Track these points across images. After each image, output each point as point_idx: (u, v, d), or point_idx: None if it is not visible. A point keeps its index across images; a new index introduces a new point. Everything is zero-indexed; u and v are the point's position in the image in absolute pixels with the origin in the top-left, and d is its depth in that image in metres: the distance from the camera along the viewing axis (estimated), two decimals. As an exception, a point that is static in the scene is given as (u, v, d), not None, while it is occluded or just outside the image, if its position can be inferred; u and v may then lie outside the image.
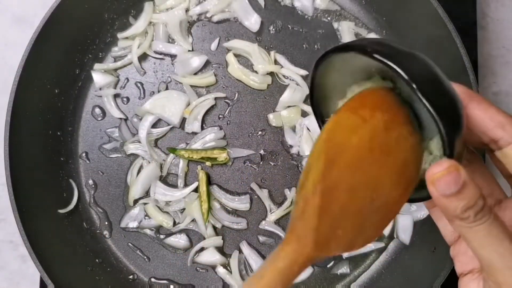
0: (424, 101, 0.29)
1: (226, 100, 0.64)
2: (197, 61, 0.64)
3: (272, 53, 0.64)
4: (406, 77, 0.30)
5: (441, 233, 0.40)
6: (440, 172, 0.30)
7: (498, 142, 0.33)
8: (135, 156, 0.64)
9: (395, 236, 0.62)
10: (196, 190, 0.62)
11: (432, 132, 0.33)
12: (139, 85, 0.65)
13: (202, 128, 0.64)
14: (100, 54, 0.66)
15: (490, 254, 0.31)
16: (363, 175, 0.30)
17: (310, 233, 0.29)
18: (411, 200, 0.35)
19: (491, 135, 0.33)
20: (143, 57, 0.65)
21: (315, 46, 0.65)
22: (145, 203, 0.63)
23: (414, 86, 0.29)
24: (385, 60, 0.31)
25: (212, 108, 0.64)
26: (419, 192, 0.34)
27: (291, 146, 0.63)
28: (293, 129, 0.64)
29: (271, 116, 0.63)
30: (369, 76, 0.36)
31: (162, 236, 0.63)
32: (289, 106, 0.64)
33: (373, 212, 0.31)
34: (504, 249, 0.30)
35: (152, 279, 0.63)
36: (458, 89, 0.33)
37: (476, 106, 0.33)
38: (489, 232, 0.31)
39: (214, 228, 0.62)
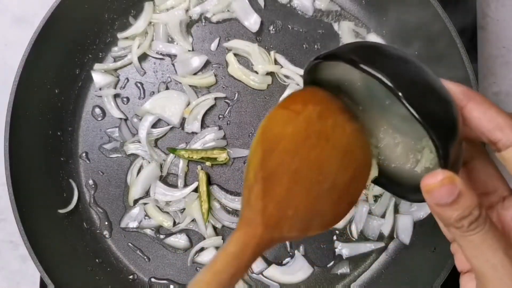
0: (413, 112, 0.28)
1: (226, 100, 0.64)
2: (197, 61, 0.64)
3: (272, 53, 0.64)
4: (391, 85, 0.29)
5: (442, 230, 0.40)
6: (434, 184, 0.30)
7: (496, 144, 0.32)
8: (135, 156, 0.64)
9: (395, 236, 0.62)
10: (196, 190, 0.62)
11: (416, 131, 0.32)
12: (139, 85, 0.65)
13: (202, 128, 0.64)
14: (100, 54, 0.66)
15: (482, 264, 0.31)
16: (303, 160, 0.32)
17: (257, 215, 0.30)
18: (413, 200, 0.36)
19: (490, 137, 0.32)
20: (143, 57, 0.65)
21: (315, 46, 0.65)
22: (145, 203, 0.63)
23: (400, 94, 0.28)
24: (368, 69, 0.30)
25: (212, 108, 0.64)
26: (419, 193, 0.34)
27: (291, 146, 0.63)
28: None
29: (271, 116, 0.63)
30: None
31: (162, 236, 0.63)
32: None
33: (324, 194, 0.32)
34: (496, 260, 0.30)
35: (152, 279, 0.63)
36: (456, 89, 0.32)
37: (474, 107, 0.32)
38: (482, 242, 0.30)
39: (214, 228, 0.62)
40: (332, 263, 0.62)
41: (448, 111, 0.30)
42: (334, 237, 0.62)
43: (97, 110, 0.65)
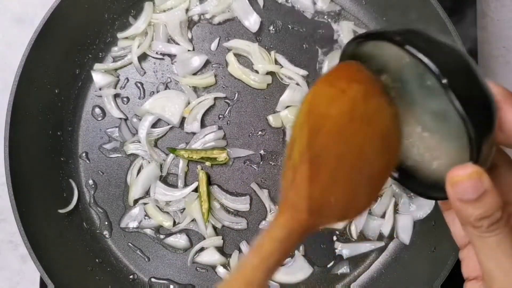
0: (455, 101, 0.28)
1: (226, 100, 0.64)
2: (197, 60, 0.64)
3: (272, 53, 0.64)
4: (436, 71, 0.28)
5: (452, 235, 0.39)
6: (461, 176, 0.29)
7: None
8: (135, 156, 0.64)
9: (395, 236, 0.62)
10: (196, 190, 0.62)
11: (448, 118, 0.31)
12: (139, 85, 0.65)
13: (202, 128, 0.64)
14: (100, 54, 0.66)
15: (494, 267, 0.30)
16: (346, 144, 0.30)
17: (303, 200, 0.29)
18: (429, 197, 0.35)
19: None
20: (143, 57, 0.65)
21: (315, 46, 0.65)
22: (145, 203, 0.63)
23: (445, 82, 0.28)
24: (417, 53, 0.29)
25: (212, 108, 0.64)
26: (437, 191, 0.33)
27: (291, 146, 0.63)
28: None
29: (270, 118, 0.63)
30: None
31: (162, 236, 0.63)
32: (288, 106, 0.64)
33: (363, 180, 0.31)
34: (509, 266, 0.30)
35: (152, 279, 0.63)
36: (494, 88, 0.31)
37: (511, 109, 0.31)
38: (498, 246, 0.30)
39: (214, 228, 0.62)
40: (332, 263, 0.62)
41: (488, 106, 0.29)
42: (334, 237, 0.62)
43: (97, 110, 0.65)
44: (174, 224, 0.63)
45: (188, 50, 0.65)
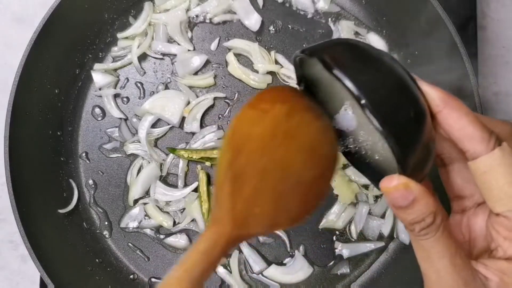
0: (374, 122, 0.29)
1: (226, 100, 0.64)
2: (197, 60, 0.64)
3: (272, 53, 0.64)
4: (355, 92, 0.29)
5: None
6: (388, 188, 0.30)
7: (465, 154, 0.32)
8: (135, 156, 0.64)
9: (395, 236, 0.62)
10: (196, 190, 0.62)
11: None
12: (139, 85, 0.65)
13: (202, 128, 0.64)
14: (100, 54, 0.66)
15: (427, 267, 0.32)
16: (269, 158, 0.32)
17: (226, 214, 0.31)
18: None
19: (460, 145, 0.32)
20: (143, 57, 0.65)
21: (315, 46, 0.65)
22: (145, 203, 0.63)
23: (362, 102, 0.29)
24: (335, 72, 0.30)
25: (212, 108, 0.64)
26: None
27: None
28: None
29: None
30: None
31: (162, 236, 0.63)
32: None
33: (291, 190, 0.33)
34: (441, 266, 0.31)
35: (152, 279, 0.63)
36: (434, 93, 0.32)
37: (449, 113, 0.32)
38: (431, 248, 0.31)
39: (214, 228, 0.62)
40: (332, 263, 0.62)
41: (411, 118, 0.30)
42: (334, 237, 0.62)
43: (97, 110, 0.65)
44: (174, 224, 0.63)
45: (188, 50, 0.65)
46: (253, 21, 0.65)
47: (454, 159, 0.37)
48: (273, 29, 0.65)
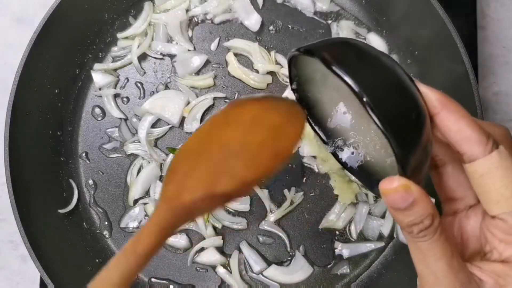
0: (375, 119, 0.29)
1: (226, 100, 0.64)
2: (197, 60, 0.64)
3: (272, 52, 0.64)
4: (357, 89, 0.29)
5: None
6: (388, 189, 0.30)
7: (462, 156, 0.32)
8: (135, 156, 0.64)
9: (395, 236, 0.62)
10: (196, 190, 0.62)
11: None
12: (139, 85, 0.65)
13: (202, 128, 0.64)
14: (100, 54, 0.66)
15: (424, 269, 0.32)
16: (205, 143, 0.35)
17: (160, 197, 0.34)
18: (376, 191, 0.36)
19: (457, 148, 0.32)
20: (143, 57, 0.65)
21: (315, 46, 0.65)
22: (145, 203, 0.63)
23: (365, 100, 0.29)
24: (334, 68, 0.30)
25: (212, 107, 0.64)
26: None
27: (291, 146, 0.63)
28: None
29: (271, 116, 0.63)
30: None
31: (162, 236, 0.63)
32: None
33: (230, 157, 0.34)
34: (437, 268, 0.31)
35: (152, 279, 0.63)
36: (432, 95, 0.32)
37: (446, 116, 0.32)
38: (428, 250, 0.31)
39: (214, 228, 0.62)
40: (332, 263, 0.62)
41: (412, 119, 0.30)
42: (334, 237, 0.62)
43: (97, 110, 0.65)
44: (174, 224, 0.63)
45: (188, 50, 0.65)
46: (253, 21, 0.65)
47: (446, 161, 0.37)
48: (273, 29, 0.65)
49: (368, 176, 0.38)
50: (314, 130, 0.39)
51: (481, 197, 0.32)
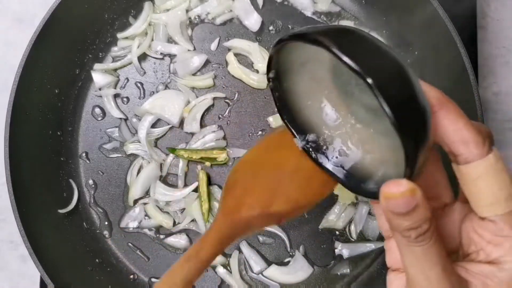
0: (389, 113, 0.26)
1: (226, 100, 0.64)
2: (197, 60, 0.64)
3: (272, 53, 0.64)
4: (369, 81, 0.26)
5: (379, 226, 0.39)
6: (394, 194, 0.29)
7: (457, 157, 0.31)
8: (135, 156, 0.64)
9: (395, 236, 0.62)
10: (196, 190, 0.62)
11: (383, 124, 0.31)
12: (139, 85, 0.65)
13: (202, 128, 0.64)
14: (100, 54, 0.66)
15: (417, 275, 0.31)
16: (263, 163, 0.39)
17: (219, 211, 0.37)
18: (359, 193, 0.36)
19: (453, 148, 0.31)
20: (143, 57, 0.65)
21: (315, 46, 0.65)
22: (145, 203, 0.63)
23: (370, 81, 0.26)
24: (341, 56, 0.26)
25: (212, 108, 0.64)
26: (365, 187, 0.34)
27: (291, 146, 0.63)
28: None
29: (271, 118, 0.63)
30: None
31: (162, 236, 0.63)
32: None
33: (285, 180, 0.37)
34: (432, 274, 0.30)
35: (152, 279, 0.63)
36: (430, 93, 0.31)
37: (445, 115, 0.31)
38: (424, 255, 0.30)
39: (214, 228, 0.62)
40: (332, 263, 0.62)
41: (420, 111, 0.28)
42: (334, 238, 0.62)
43: (97, 110, 0.65)
44: (174, 224, 0.63)
45: (188, 50, 0.65)
46: (253, 21, 0.65)
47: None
48: (273, 29, 0.65)
49: (348, 175, 0.36)
50: (285, 123, 0.38)
51: (473, 199, 0.32)
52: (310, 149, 0.38)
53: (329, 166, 0.37)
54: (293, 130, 0.38)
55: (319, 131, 0.38)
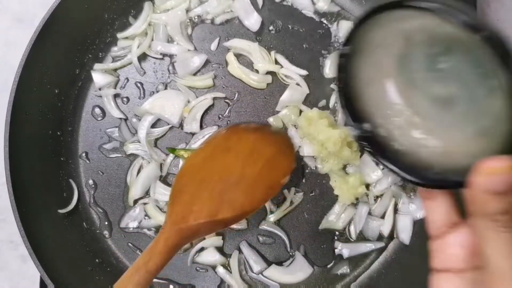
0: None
1: (226, 100, 0.64)
2: (197, 60, 0.64)
3: (272, 53, 0.64)
4: (475, 23, 0.26)
5: (428, 224, 0.38)
6: (496, 169, 0.27)
7: None
8: (135, 156, 0.64)
9: (395, 236, 0.62)
10: (196, 190, 0.62)
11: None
12: (139, 85, 0.65)
13: (202, 128, 0.64)
14: (100, 54, 0.66)
15: (503, 261, 0.29)
16: (207, 170, 0.41)
17: (167, 219, 0.39)
18: (414, 183, 0.34)
19: None
20: (143, 57, 0.65)
21: (315, 46, 0.65)
22: (145, 203, 0.63)
23: (486, 33, 0.26)
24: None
25: (212, 108, 0.64)
26: (420, 175, 0.33)
27: (291, 146, 0.63)
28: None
29: (271, 119, 0.63)
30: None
31: (162, 236, 0.63)
32: (287, 106, 0.64)
33: (230, 187, 0.39)
34: None
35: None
36: None
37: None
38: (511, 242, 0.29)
39: (214, 228, 0.62)
40: (332, 263, 0.62)
41: None
42: (334, 238, 0.62)
43: (97, 110, 0.65)
44: (174, 224, 0.63)
45: (188, 50, 0.65)
46: (253, 21, 0.65)
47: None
48: (273, 29, 0.65)
49: (404, 167, 0.35)
50: (344, 108, 0.36)
51: None
52: (364, 139, 0.36)
53: (384, 159, 0.35)
54: (349, 117, 0.36)
55: (376, 120, 0.36)
